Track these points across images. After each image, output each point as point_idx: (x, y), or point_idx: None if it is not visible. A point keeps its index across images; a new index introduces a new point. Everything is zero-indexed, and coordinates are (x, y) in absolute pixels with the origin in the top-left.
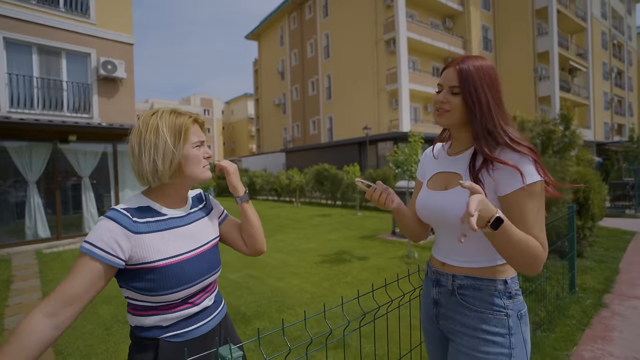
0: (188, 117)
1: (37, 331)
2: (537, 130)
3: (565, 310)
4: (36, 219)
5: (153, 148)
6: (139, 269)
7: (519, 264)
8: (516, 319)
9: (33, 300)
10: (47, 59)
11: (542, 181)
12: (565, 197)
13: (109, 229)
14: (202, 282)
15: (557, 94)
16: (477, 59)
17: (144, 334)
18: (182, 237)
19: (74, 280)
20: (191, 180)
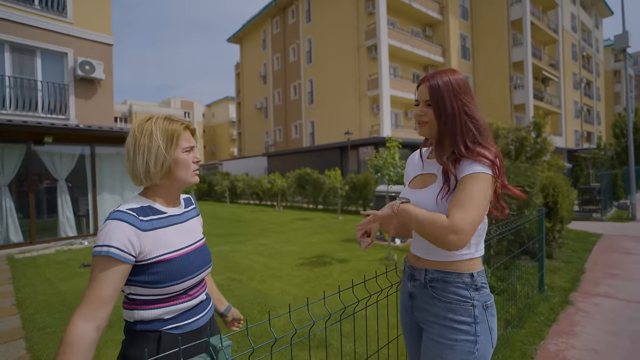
0: (180, 124)
1: (84, 337)
2: (511, 137)
3: (534, 308)
4: (8, 223)
5: (146, 151)
6: (147, 264)
7: (427, 237)
8: (482, 309)
9: (6, 307)
10: (21, 57)
11: (482, 174)
12: (536, 201)
13: (121, 229)
14: (201, 274)
15: (531, 102)
16: (446, 73)
17: (145, 327)
18: (182, 232)
19: (103, 283)
20: (180, 183)
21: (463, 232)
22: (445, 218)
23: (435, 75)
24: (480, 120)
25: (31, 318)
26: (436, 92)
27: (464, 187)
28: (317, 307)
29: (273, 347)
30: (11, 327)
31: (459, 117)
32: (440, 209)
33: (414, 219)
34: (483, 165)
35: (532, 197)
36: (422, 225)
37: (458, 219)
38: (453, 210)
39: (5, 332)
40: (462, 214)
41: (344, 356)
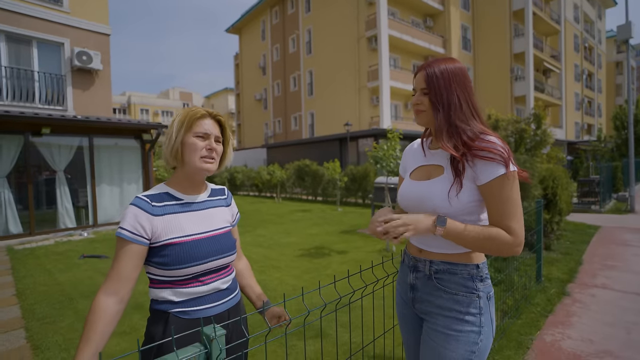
0: (200, 111)
1: (107, 308)
2: (511, 128)
3: (531, 299)
4: (7, 214)
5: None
6: (158, 246)
7: (488, 252)
8: (486, 300)
9: (7, 297)
10: (17, 47)
11: (514, 171)
12: (534, 193)
13: (133, 213)
14: (212, 262)
15: (532, 94)
16: (444, 62)
17: (157, 307)
18: (197, 219)
19: (120, 262)
20: (191, 168)
21: (523, 239)
22: (503, 233)
23: (432, 64)
24: (478, 109)
25: (31, 308)
26: (433, 80)
27: (502, 191)
28: (316, 297)
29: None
30: (11, 317)
31: (456, 106)
32: (453, 204)
33: (467, 240)
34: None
35: (531, 188)
36: (480, 245)
37: (518, 230)
38: (507, 221)
39: (5, 321)
40: (517, 223)
41: (341, 346)
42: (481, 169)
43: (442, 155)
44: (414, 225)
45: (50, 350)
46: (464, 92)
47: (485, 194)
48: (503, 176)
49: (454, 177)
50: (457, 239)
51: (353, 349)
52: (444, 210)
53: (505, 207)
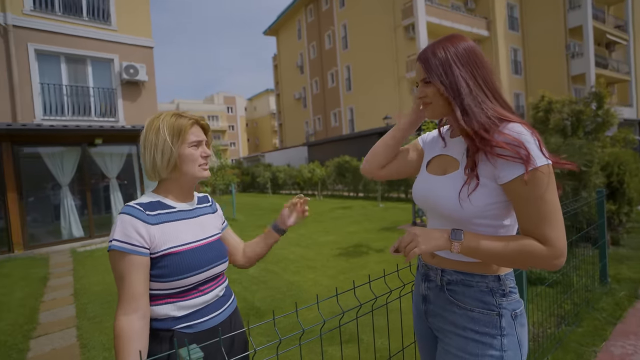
0: (188, 119)
1: (129, 328)
2: (566, 111)
3: (594, 303)
4: (70, 219)
5: (153, 146)
6: (156, 257)
7: (520, 267)
8: (510, 319)
9: (66, 297)
10: (75, 67)
11: (548, 165)
12: (595, 181)
13: (129, 222)
14: (211, 269)
15: (593, 71)
16: (443, 43)
17: (159, 325)
18: (191, 227)
19: (128, 279)
20: (189, 177)
21: (565, 250)
22: (536, 244)
23: (428, 49)
24: (496, 90)
25: (84, 307)
26: (432, 67)
27: (531, 191)
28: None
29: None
30: (67, 315)
31: (464, 89)
32: (465, 207)
33: (491, 255)
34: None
35: (591, 177)
36: (508, 259)
37: (556, 239)
38: (541, 228)
39: (62, 320)
40: (555, 231)
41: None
42: (502, 165)
43: (459, 145)
44: (422, 238)
45: (96, 350)
46: (472, 72)
47: (510, 195)
48: (531, 172)
49: (469, 173)
50: (478, 255)
51: (385, 356)
52: (454, 214)
53: (538, 211)
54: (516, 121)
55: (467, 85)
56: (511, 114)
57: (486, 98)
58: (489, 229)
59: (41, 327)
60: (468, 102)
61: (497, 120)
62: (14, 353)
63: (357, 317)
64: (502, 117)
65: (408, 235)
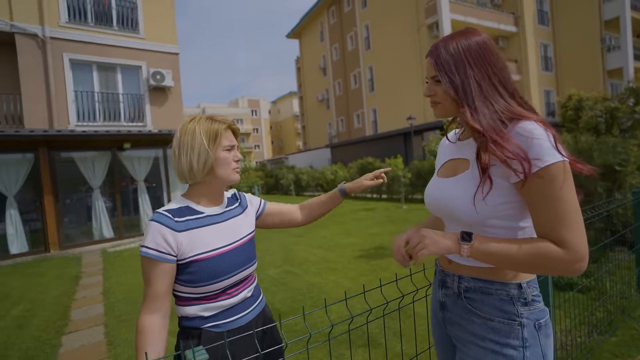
0: (222, 123)
1: (152, 325)
2: (599, 108)
3: (630, 311)
4: (101, 221)
5: (190, 149)
6: (184, 263)
7: (538, 272)
8: (533, 330)
9: (96, 295)
10: (105, 74)
11: (563, 162)
12: (631, 182)
13: (157, 230)
14: (239, 274)
15: (631, 65)
16: (453, 38)
17: (188, 324)
18: (220, 232)
19: (154, 283)
20: (222, 181)
21: (585, 254)
22: (553, 247)
23: (439, 44)
24: (509, 85)
25: (112, 306)
26: (442, 64)
27: (547, 190)
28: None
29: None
30: (96, 313)
31: (474, 87)
32: (479, 209)
33: (504, 259)
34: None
35: (626, 176)
36: (523, 264)
37: (575, 242)
38: (558, 230)
39: (91, 318)
40: (573, 233)
41: (393, 357)
42: (515, 163)
43: (470, 146)
44: (430, 240)
45: (121, 347)
46: (485, 69)
47: (524, 194)
48: (544, 170)
49: (480, 174)
50: (489, 259)
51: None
52: (467, 215)
53: (553, 211)
54: (529, 119)
55: (479, 84)
56: (527, 111)
57: (499, 97)
58: (505, 230)
59: (72, 324)
60: (478, 102)
61: (508, 119)
62: (47, 348)
63: (367, 322)
64: (514, 115)
65: (416, 237)
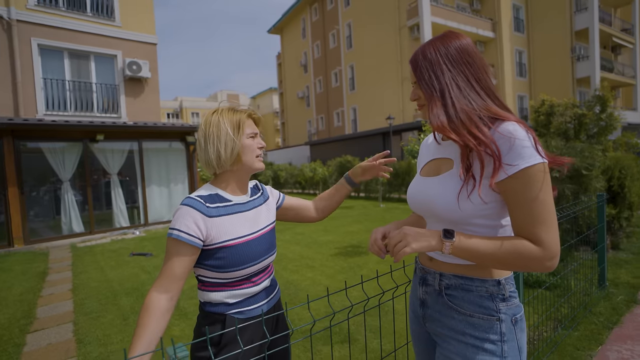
0: (243, 112)
1: (158, 305)
2: (569, 114)
3: (592, 307)
4: (70, 215)
5: (217, 139)
6: (212, 248)
7: (513, 269)
8: (510, 325)
9: (64, 292)
10: (78, 62)
11: (543, 163)
12: (596, 185)
13: (189, 214)
14: (263, 261)
15: (598, 75)
16: (433, 42)
17: (213, 309)
18: (246, 220)
19: (174, 262)
20: (247, 168)
21: (558, 252)
22: (529, 244)
23: (418, 52)
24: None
25: (81, 303)
26: (419, 68)
27: (526, 191)
28: (343, 298)
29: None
30: (65, 310)
31: (451, 88)
32: (463, 207)
33: (484, 256)
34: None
35: (592, 180)
36: (500, 261)
37: (549, 241)
38: (537, 229)
39: (59, 315)
40: (548, 232)
41: (369, 352)
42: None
43: (453, 146)
44: (412, 238)
45: (91, 345)
46: (462, 72)
47: (504, 194)
48: (525, 171)
49: (465, 173)
50: (470, 256)
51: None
52: (450, 214)
53: (531, 211)
54: (510, 120)
55: (457, 86)
56: (506, 112)
57: (478, 97)
58: (487, 229)
59: (38, 322)
60: (457, 103)
61: (489, 119)
62: (9, 347)
63: (348, 319)
64: (495, 115)
65: (398, 235)
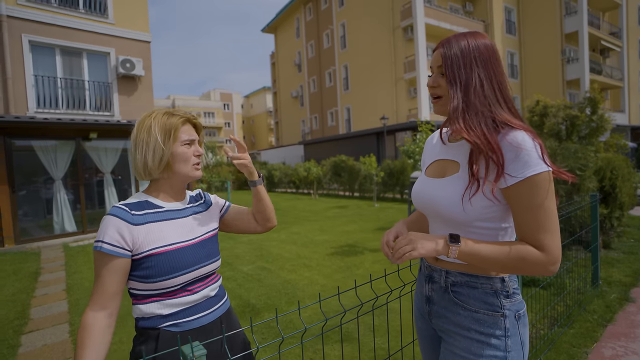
0: (179, 117)
1: (97, 323)
2: (561, 115)
3: (586, 305)
4: (63, 214)
5: (145, 145)
6: (140, 257)
7: (516, 273)
8: (513, 320)
9: (58, 292)
10: (70, 59)
11: (548, 172)
12: (589, 185)
13: (112, 223)
14: (199, 269)
15: (587, 77)
16: (465, 36)
17: (145, 324)
18: (180, 227)
19: (103, 278)
20: (181, 177)
21: (560, 257)
22: (533, 250)
23: (451, 39)
24: (507, 95)
25: (76, 303)
26: (450, 57)
27: (531, 198)
28: (345, 298)
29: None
30: (60, 311)
31: (476, 86)
32: (467, 210)
33: (488, 261)
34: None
35: (584, 181)
36: (505, 266)
37: (552, 246)
38: (540, 235)
39: (54, 315)
40: (552, 239)
41: (369, 351)
42: (513, 168)
43: (460, 148)
44: (420, 244)
45: None
46: (488, 72)
47: (509, 199)
48: (531, 179)
49: (470, 176)
50: (475, 261)
51: (383, 355)
52: (455, 216)
53: (536, 218)
54: (519, 128)
55: (482, 84)
56: (519, 120)
57: (496, 101)
58: (489, 231)
59: (32, 322)
60: (477, 101)
61: (500, 124)
62: (4, 349)
63: (357, 317)
64: (506, 122)
65: (404, 239)
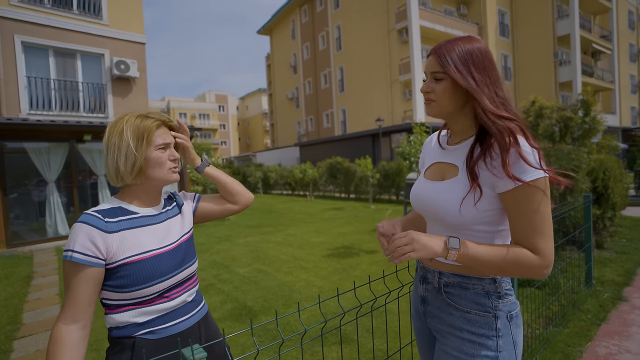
0: (154, 120)
1: (68, 336)
2: (555, 117)
3: (580, 304)
4: (56, 217)
5: (116, 150)
6: (114, 266)
7: (511, 275)
8: (505, 321)
9: (51, 296)
10: (63, 61)
11: (545, 178)
12: (582, 186)
13: (84, 231)
14: (177, 275)
15: (579, 79)
16: (460, 41)
17: (120, 333)
18: (155, 233)
19: (74, 288)
20: (156, 182)
21: (552, 260)
22: (528, 253)
23: (446, 44)
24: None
25: None
26: (447, 62)
27: (528, 203)
28: (342, 300)
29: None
30: (53, 315)
31: (475, 91)
32: (464, 214)
33: (485, 264)
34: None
35: (578, 182)
36: (501, 269)
37: (547, 250)
38: (535, 239)
39: (48, 320)
40: (545, 242)
41: (367, 353)
42: (501, 174)
43: (459, 152)
44: (420, 245)
45: None
46: (484, 76)
47: (506, 204)
48: (529, 184)
49: (470, 181)
50: (474, 263)
51: (380, 356)
52: (453, 220)
53: (531, 222)
54: (519, 134)
55: (478, 88)
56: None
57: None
58: (486, 234)
59: (25, 327)
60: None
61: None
62: None
63: (357, 317)
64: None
65: (404, 239)
